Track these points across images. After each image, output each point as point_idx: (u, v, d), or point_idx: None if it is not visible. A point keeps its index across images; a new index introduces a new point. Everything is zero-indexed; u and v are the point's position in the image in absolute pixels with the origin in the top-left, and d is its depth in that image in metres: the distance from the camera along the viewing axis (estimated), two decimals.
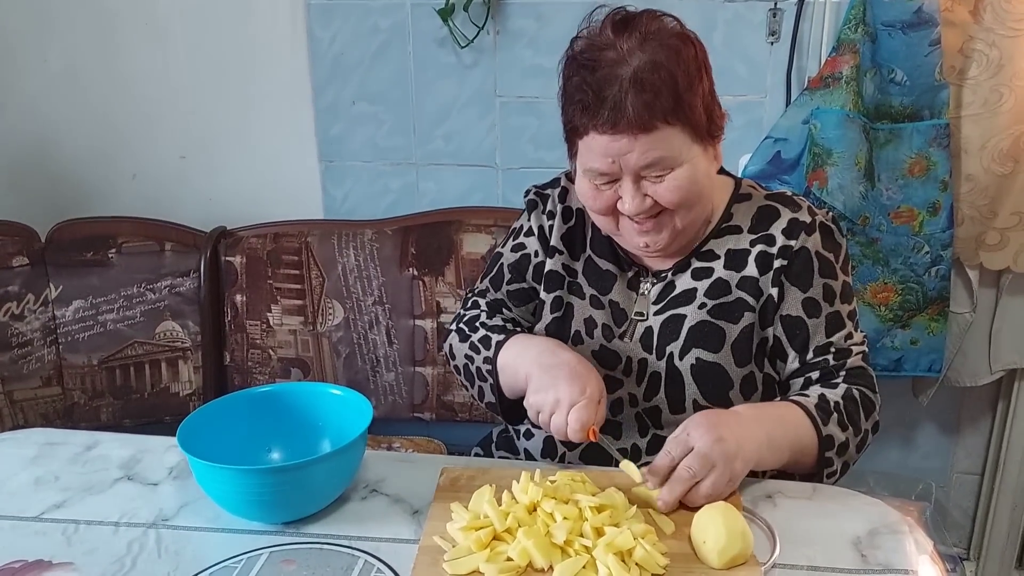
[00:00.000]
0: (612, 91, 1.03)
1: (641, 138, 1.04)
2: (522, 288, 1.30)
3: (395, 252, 1.92)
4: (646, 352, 1.19)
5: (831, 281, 1.16)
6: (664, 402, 1.17)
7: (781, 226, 1.16)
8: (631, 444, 1.20)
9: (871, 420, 1.17)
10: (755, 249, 1.17)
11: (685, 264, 1.19)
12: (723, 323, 1.16)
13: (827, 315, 1.16)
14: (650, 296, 1.20)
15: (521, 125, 1.99)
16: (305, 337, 1.94)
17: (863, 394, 1.16)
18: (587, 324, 1.22)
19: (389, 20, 1.94)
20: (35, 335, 1.84)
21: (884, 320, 1.80)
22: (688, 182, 1.08)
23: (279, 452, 1.15)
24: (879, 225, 1.73)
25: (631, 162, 1.06)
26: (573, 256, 1.26)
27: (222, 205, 2.14)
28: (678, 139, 1.06)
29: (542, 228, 1.28)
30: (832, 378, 1.16)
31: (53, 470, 1.18)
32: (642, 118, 1.03)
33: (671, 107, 1.04)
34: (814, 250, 1.15)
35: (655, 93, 1.03)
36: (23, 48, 2.09)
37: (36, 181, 2.17)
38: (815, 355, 1.16)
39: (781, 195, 1.21)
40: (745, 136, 1.87)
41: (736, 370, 1.16)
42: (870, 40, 1.67)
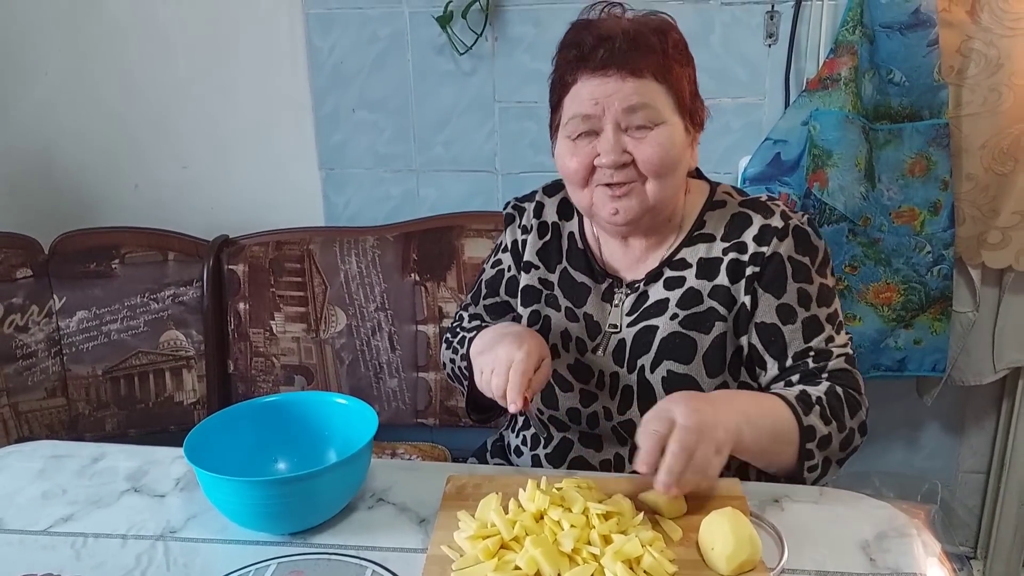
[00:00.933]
0: (606, 43, 1.08)
1: (629, 81, 1.07)
2: (496, 302, 1.33)
3: (397, 258, 1.93)
4: (618, 366, 1.18)
5: (806, 285, 1.14)
6: (638, 415, 1.15)
7: (752, 233, 1.15)
8: (613, 454, 1.21)
9: (856, 419, 1.12)
10: (727, 257, 1.16)
11: (657, 273, 1.19)
12: (694, 334, 1.15)
13: (803, 320, 1.14)
14: (624, 307, 1.20)
15: (520, 130, 1.99)
16: (308, 344, 1.95)
17: (847, 392, 1.12)
18: (563, 337, 1.22)
19: (388, 28, 1.95)
20: (39, 346, 1.84)
21: (887, 320, 1.80)
22: (668, 145, 1.09)
23: (285, 462, 1.15)
24: (880, 225, 1.73)
25: (616, 104, 1.08)
26: (549, 269, 1.26)
27: (224, 214, 2.14)
28: (663, 99, 1.09)
29: (515, 243, 1.30)
30: (814, 379, 1.13)
31: (60, 483, 1.18)
32: (633, 62, 1.07)
33: (660, 65, 1.09)
34: (786, 255, 1.13)
35: (648, 48, 1.08)
36: (25, 59, 2.10)
37: (39, 192, 2.17)
38: (794, 361, 1.14)
39: (755, 201, 1.19)
40: (744, 138, 1.87)
41: (708, 381, 1.15)
42: (868, 41, 1.67)
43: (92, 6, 2.04)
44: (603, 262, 1.23)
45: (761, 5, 1.81)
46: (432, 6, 1.90)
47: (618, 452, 1.20)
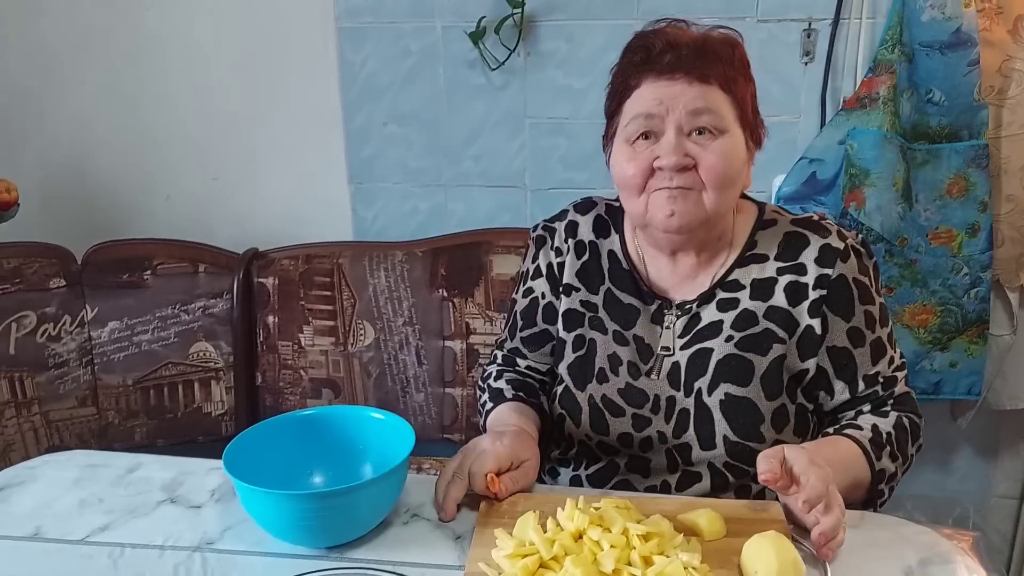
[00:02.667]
0: (675, 46, 1.08)
1: (696, 85, 1.06)
2: (534, 332, 1.29)
3: (425, 273, 1.93)
4: (674, 389, 1.17)
5: (870, 307, 1.14)
6: (694, 438, 1.15)
7: (812, 255, 1.13)
8: (660, 481, 1.19)
9: (916, 445, 1.16)
10: (783, 279, 1.14)
11: (710, 295, 1.17)
12: (751, 355, 1.13)
13: (871, 343, 1.14)
14: (675, 329, 1.18)
15: (551, 146, 1.99)
16: (336, 358, 1.95)
17: (911, 421, 1.16)
18: (611, 361, 1.20)
19: (420, 43, 1.96)
20: (71, 356, 1.86)
21: (923, 342, 1.78)
22: (730, 155, 1.08)
23: (321, 476, 1.14)
24: (917, 246, 1.72)
25: (682, 105, 1.06)
26: (591, 290, 1.23)
27: (254, 226, 2.15)
28: (727, 108, 1.09)
29: (551, 266, 1.26)
30: (882, 406, 1.16)
31: (96, 492, 1.18)
32: (701, 68, 1.07)
33: (726, 76, 1.08)
34: (851, 277, 1.13)
35: (716, 57, 1.08)
36: (62, 71, 2.12)
37: (72, 202, 2.19)
38: (865, 386, 1.15)
39: (808, 220, 1.18)
40: (779, 156, 1.86)
41: (766, 403, 1.13)
42: (907, 60, 1.66)
43: (128, 20, 2.06)
44: (649, 282, 1.21)
45: (798, 23, 1.80)
46: (465, 21, 1.91)
47: (666, 480, 1.18)
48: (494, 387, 1.28)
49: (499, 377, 1.30)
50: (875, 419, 1.14)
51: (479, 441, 1.12)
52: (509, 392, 1.26)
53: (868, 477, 1.09)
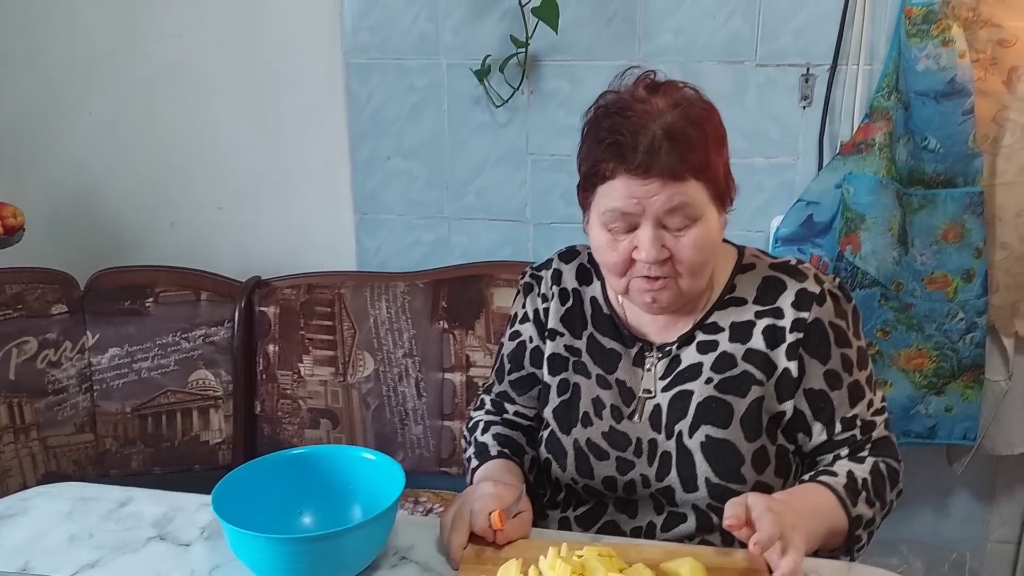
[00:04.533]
0: (647, 137, 1.05)
1: (670, 185, 1.05)
2: (522, 376, 1.31)
3: (426, 305, 1.94)
4: (655, 432, 1.18)
5: (847, 350, 1.16)
6: (677, 481, 1.16)
7: (789, 299, 1.15)
8: (647, 522, 1.20)
9: (895, 490, 1.17)
10: (761, 322, 1.16)
11: (689, 337, 1.18)
12: (731, 397, 1.15)
13: (848, 385, 1.16)
14: (656, 372, 1.19)
15: (552, 182, 2.01)
16: (335, 388, 1.96)
17: (889, 466, 1.16)
18: (595, 404, 1.21)
19: (426, 79, 1.98)
20: (71, 382, 1.87)
21: (918, 387, 1.78)
22: (705, 242, 1.09)
23: (311, 516, 1.15)
24: (913, 291, 1.72)
25: (656, 205, 1.06)
26: (575, 335, 1.25)
27: (257, 255, 2.17)
28: (701, 195, 1.08)
29: (537, 312, 1.28)
30: (859, 451, 1.16)
31: (87, 527, 1.19)
32: (675, 167, 1.05)
33: (700, 164, 1.07)
34: (827, 320, 1.14)
35: (689, 147, 1.05)
36: (69, 100, 2.16)
37: (77, 228, 2.22)
38: (843, 428, 1.16)
39: (786, 264, 1.20)
40: (777, 198, 1.88)
41: (747, 445, 1.14)
42: (903, 108, 1.68)
43: (136, 50, 2.09)
44: (630, 326, 1.23)
45: (796, 68, 1.82)
46: (470, 59, 1.93)
47: (652, 520, 1.19)
48: (480, 441, 1.29)
49: (486, 430, 1.31)
50: (851, 465, 1.15)
51: (479, 486, 1.14)
52: (495, 450, 1.26)
53: (845, 524, 1.09)
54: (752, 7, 1.81)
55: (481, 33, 1.92)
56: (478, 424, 1.33)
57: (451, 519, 1.10)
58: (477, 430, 1.31)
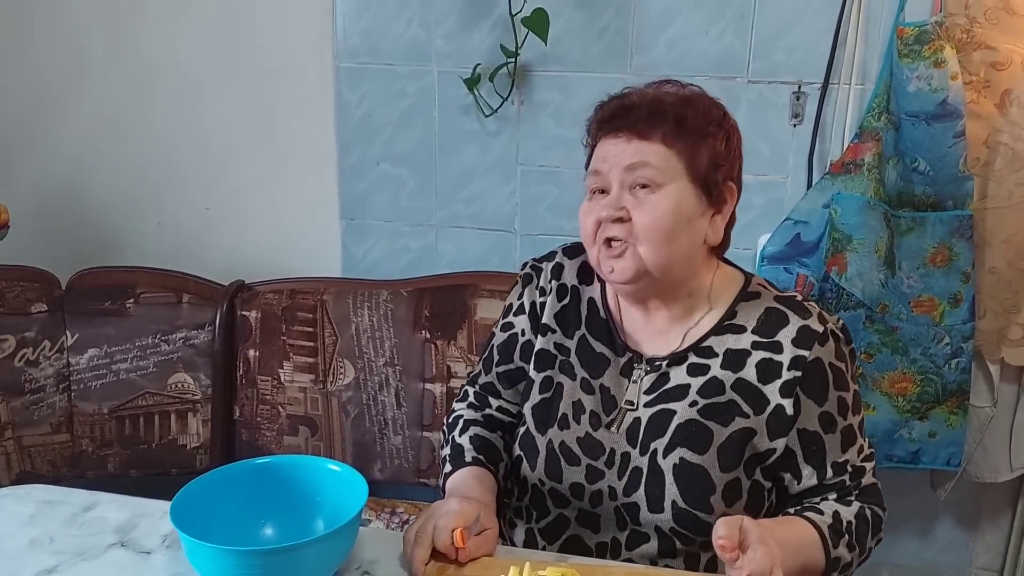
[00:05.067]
0: (630, 109, 1.12)
1: (635, 142, 1.10)
2: (510, 369, 1.29)
3: (409, 314, 1.92)
4: (630, 445, 1.16)
5: (844, 394, 1.14)
6: (643, 499, 1.14)
7: (790, 335, 1.12)
8: (611, 538, 1.18)
9: (876, 538, 1.16)
10: (757, 353, 1.13)
11: (682, 357, 1.16)
12: (712, 424, 1.13)
13: (842, 429, 1.13)
14: (642, 385, 1.17)
15: (541, 193, 1.99)
16: (315, 395, 1.94)
17: (874, 513, 1.15)
18: (575, 408, 1.19)
19: (416, 86, 1.97)
20: (48, 381, 1.85)
21: (902, 411, 1.76)
22: (665, 212, 1.09)
23: (273, 527, 1.13)
24: (899, 314, 1.71)
25: (620, 161, 1.10)
26: (567, 334, 1.23)
27: (243, 257, 2.16)
28: (671, 162, 1.10)
29: (534, 304, 1.27)
30: (847, 496, 1.15)
31: (49, 531, 1.17)
32: (641, 125, 1.10)
33: (672, 131, 1.10)
34: (828, 361, 1.12)
35: (661, 115, 1.10)
36: (59, 98, 2.15)
37: (64, 227, 2.21)
38: (833, 474, 1.14)
39: (791, 299, 1.17)
40: (765, 215, 1.86)
41: (720, 474, 1.12)
42: (893, 129, 1.66)
43: (127, 49, 2.08)
44: (624, 334, 1.21)
45: (788, 85, 1.81)
46: (460, 67, 1.92)
47: (615, 536, 1.17)
48: (456, 443, 1.27)
49: (465, 430, 1.29)
50: (838, 506, 1.13)
51: (445, 502, 1.13)
52: (470, 455, 1.24)
53: (821, 563, 1.08)
54: (745, 23, 1.79)
55: (472, 41, 1.91)
56: (458, 420, 1.30)
57: (414, 534, 1.08)
58: (456, 428, 1.29)
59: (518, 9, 1.79)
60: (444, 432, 1.32)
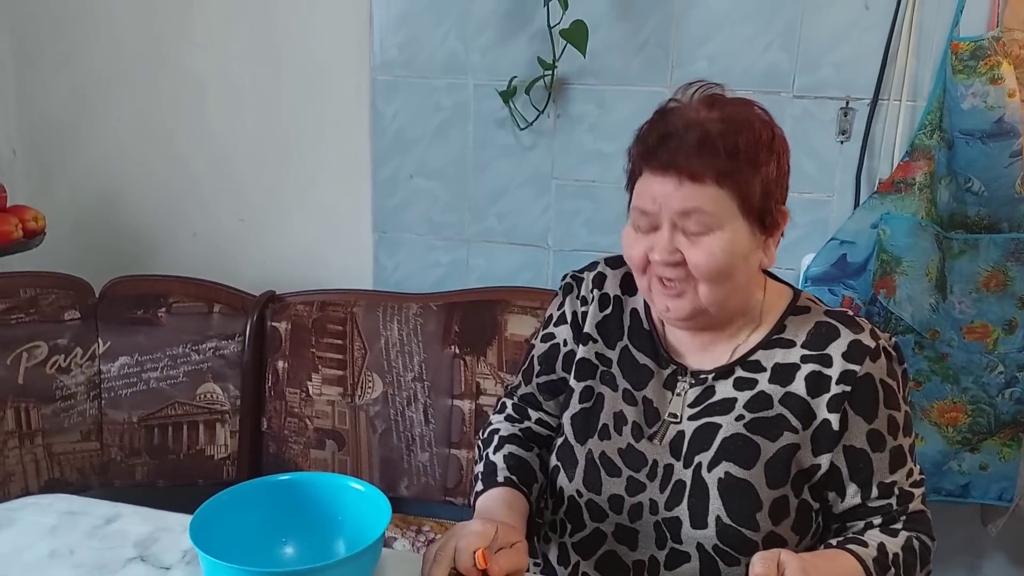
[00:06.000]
0: (675, 139, 1.04)
1: (687, 185, 1.03)
2: (551, 380, 1.26)
3: (439, 328, 1.89)
4: (674, 458, 1.12)
5: (895, 412, 1.09)
6: (686, 513, 1.10)
7: (841, 348, 1.09)
8: (649, 556, 1.13)
9: (925, 570, 1.10)
10: (806, 366, 1.09)
11: (728, 371, 1.13)
12: (759, 439, 1.09)
13: (891, 449, 1.08)
14: (686, 398, 1.14)
15: (576, 208, 1.96)
16: (343, 409, 1.91)
17: (922, 544, 1.09)
18: (616, 419, 1.16)
19: (452, 99, 1.95)
20: (79, 389, 1.85)
21: (951, 442, 1.69)
22: (722, 252, 1.04)
23: (294, 546, 1.10)
24: (950, 340, 1.64)
25: (671, 205, 1.04)
26: (608, 344, 1.21)
27: (276, 268, 2.15)
28: (725, 204, 1.04)
29: (575, 314, 1.24)
30: (893, 523, 1.09)
31: (70, 543, 1.16)
32: (693, 166, 1.03)
33: (725, 169, 1.03)
34: (879, 378, 1.08)
35: (713, 150, 1.02)
36: (99, 106, 2.16)
37: (101, 234, 2.22)
38: (879, 494, 1.09)
39: (842, 314, 1.14)
40: (810, 235, 1.80)
41: (767, 491, 1.08)
42: (946, 147, 1.60)
43: (169, 59, 2.09)
44: (667, 345, 1.18)
45: (835, 100, 1.75)
46: (496, 80, 1.90)
47: (654, 555, 1.13)
48: (490, 460, 1.23)
49: (500, 447, 1.24)
50: (883, 537, 1.08)
51: (468, 523, 1.08)
52: (502, 474, 1.20)
53: None
54: (792, 37, 1.74)
55: (510, 54, 1.89)
56: (493, 436, 1.26)
57: (434, 553, 1.05)
58: (492, 444, 1.25)
59: (556, 21, 1.76)
60: (479, 447, 1.28)
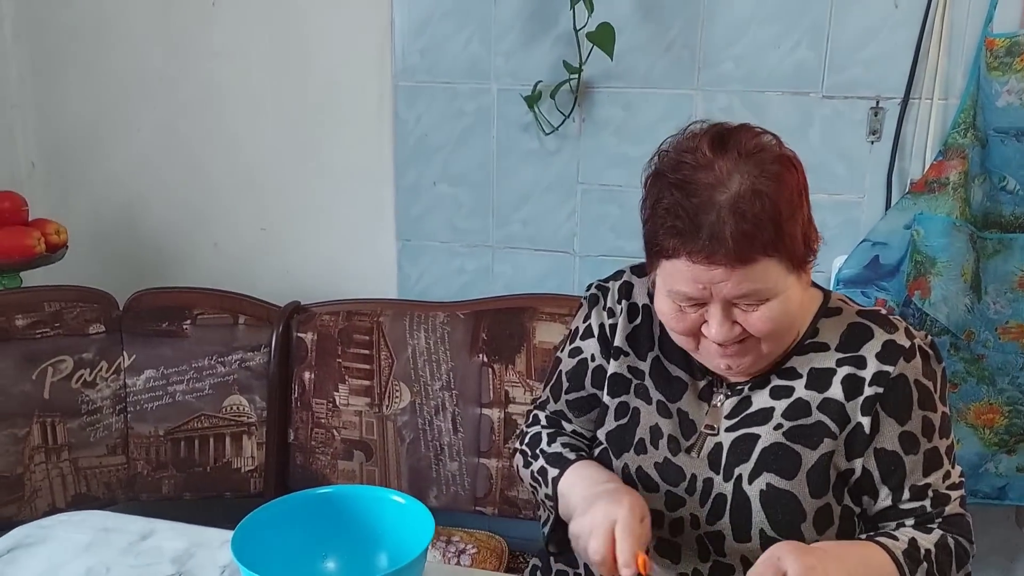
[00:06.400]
0: (709, 219, 0.95)
1: (738, 269, 0.96)
2: (581, 397, 1.23)
3: (466, 336, 1.87)
4: (713, 471, 1.09)
5: (930, 414, 1.06)
6: (728, 527, 1.07)
7: (875, 349, 1.06)
8: (691, 569, 1.11)
9: (962, 571, 1.06)
10: (842, 370, 1.07)
11: (764, 380, 1.10)
12: (799, 447, 1.06)
13: (925, 451, 1.05)
14: (723, 409, 1.11)
15: (602, 213, 1.94)
16: (370, 419, 1.90)
17: (959, 544, 1.05)
18: (653, 433, 1.13)
19: (475, 104, 1.94)
20: (105, 403, 1.84)
21: (988, 444, 1.66)
22: (780, 314, 1.00)
23: (335, 560, 1.09)
24: (985, 341, 1.61)
25: (724, 291, 0.98)
26: (639, 356, 1.17)
27: (299, 278, 2.14)
28: (775, 271, 0.98)
29: (603, 327, 1.20)
30: (927, 523, 1.06)
31: (105, 560, 1.15)
32: (741, 250, 0.95)
33: (771, 239, 0.96)
34: (913, 378, 1.05)
35: (756, 224, 0.95)
36: (118, 118, 2.16)
37: (121, 246, 2.21)
38: (911, 497, 1.06)
39: (875, 313, 1.11)
40: (840, 236, 1.78)
41: (811, 501, 1.05)
42: (980, 145, 1.58)
43: (190, 69, 2.09)
44: None
45: (865, 100, 1.73)
46: (521, 84, 1.88)
47: (697, 568, 1.11)
48: (550, 452, 1.19)
49: (552, 441, 1.21)
50: (915, 533, 1.04)
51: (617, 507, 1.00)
52: (572, 454, 1.17)
53: None
54: (820, 36, 1.73)
55: (533, 58, 1.87)
56: (540, 436, 1.23)
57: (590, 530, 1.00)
58: (541, 442, 1.22)
59: (582, 24, 1.74)
60: (523, 453, 1.23)
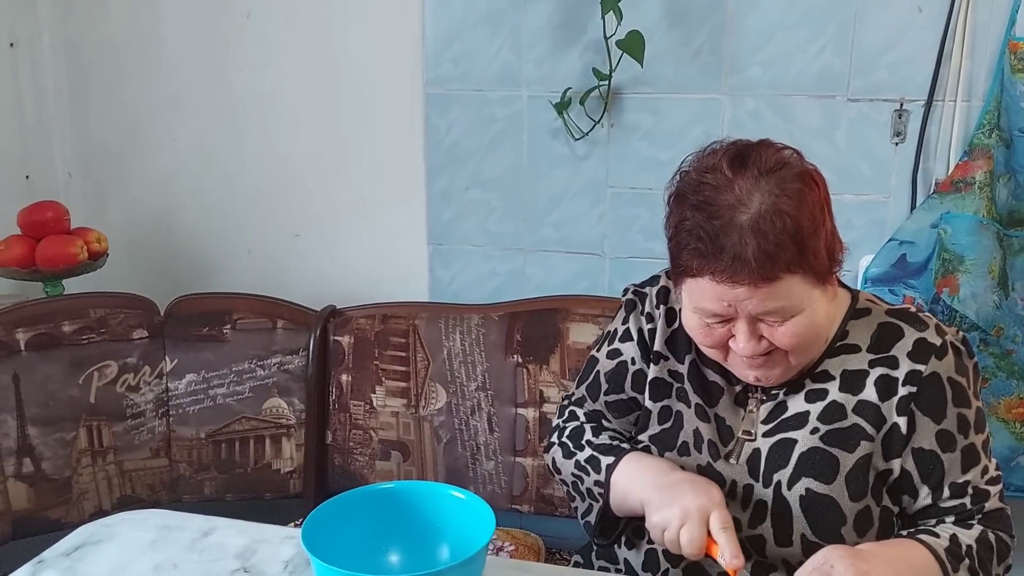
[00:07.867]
0: (731, 240, 0.98)
1: (762, 288, 0.99)
2: (621, 399, 1.25)
3: (500, 338, 1.91)
4: (752, 478, 1.12)
5: (965, 410, 1.08)
6: (770, 532, 1.10)
7: (906, 348, 1.08)
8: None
9: (1004, 566, 1.08)
10: (875, 371, 1.09)
11: (798, 385, 1.12)
12: (837, 451, 1.08)
13: (962, 448, 1.08)
14: (759, 415, 1.13)
15: (632, 215, 1.98)
16: (407, 420, 1.93)
17: (999, 539, 1.07)
18: (695, 436, 1.16)
19: (506, 111, 1.98)
20: (148, 407, 1.88)
21: (1019, 438, 1.69)
22: (806, 328, 1.03)
23: (398, 554, 1.12)
24: (1014, 336, 1.65)
25: (748, 308, 1.01)
26: (678, 359, 1.20)
27: (332, 283, 2.18)
28: (799, 287, 1.00)
29: (641, 332, 1.23)
30: (968, 519, 1.08)
31: (171, 557, 1.18)
32: (764, 269, 0.97)
33: (794, 257, 0.98)
34: (946, 376, 1.07)
35: (778, 244, 0.97)
36: (154, 128, 2.20)
37: (157, 254, 2.25)
38: (951, 495, 1.08)
39: (904, 311, 1.13)
40: (867, 236, 1.82)
41: (850, 504, 1.07)
42: (1004, 146, 1.62)
43: (221, 78, 2.13)
44: None
45: (890, 103, 1.77)
46: (550, 91, 1.92)
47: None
48: (598, 443, 1.21)
49: (597, 433, 1.23)
50: (956, 529, 1.07)
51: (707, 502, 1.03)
52: (625, 445, 1.20)
53: None
54: (845, 41, 1.76)
55: (564, 65, 1.91)
56: (583, 429, 1.24)
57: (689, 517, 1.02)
58: (585, 434, 1.23)
59: (612, 32, 1.78)
60: (563, 446, 1.24)
